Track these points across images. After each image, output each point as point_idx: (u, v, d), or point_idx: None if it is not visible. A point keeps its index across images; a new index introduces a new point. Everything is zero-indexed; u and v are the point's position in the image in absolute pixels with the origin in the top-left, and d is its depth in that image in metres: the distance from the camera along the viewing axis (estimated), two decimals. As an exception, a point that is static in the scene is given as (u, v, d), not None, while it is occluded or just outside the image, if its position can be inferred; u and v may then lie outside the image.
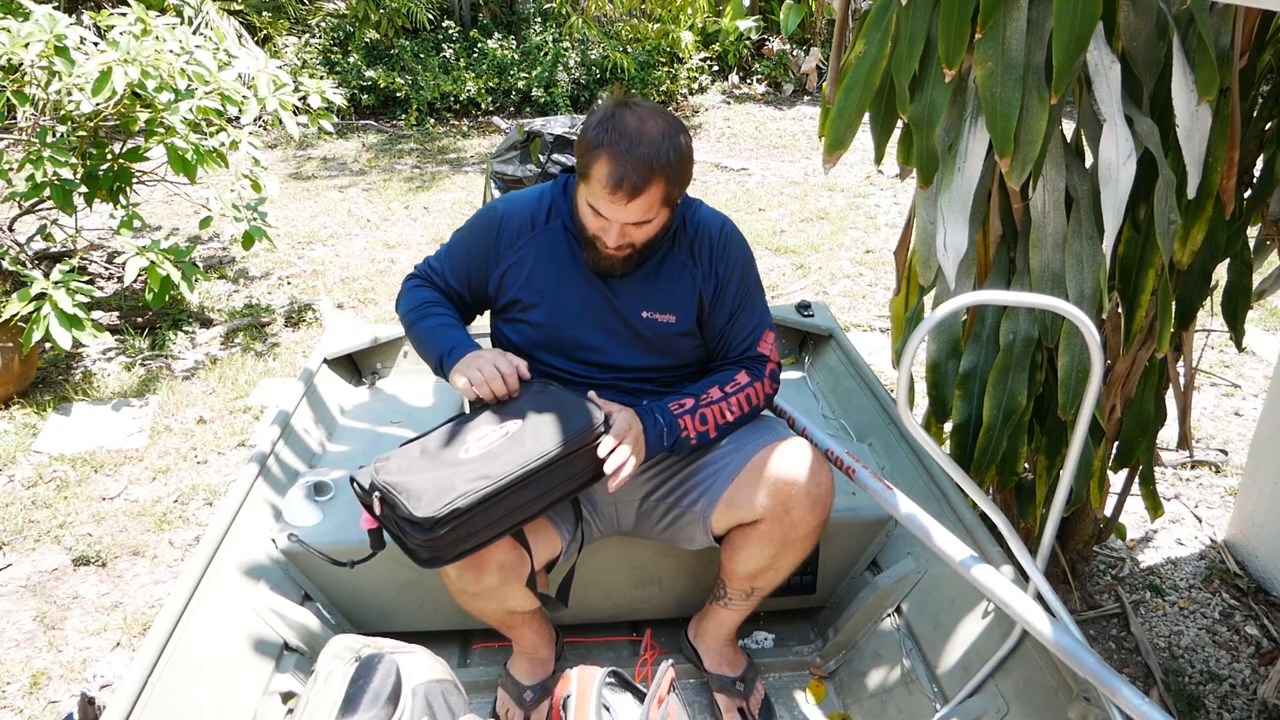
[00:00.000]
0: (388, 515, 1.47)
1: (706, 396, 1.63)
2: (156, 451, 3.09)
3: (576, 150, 1.56)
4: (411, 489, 1.42)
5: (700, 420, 1.61)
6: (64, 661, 2.20)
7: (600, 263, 1.62)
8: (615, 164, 1.47)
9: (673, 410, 1.60)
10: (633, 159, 1.47)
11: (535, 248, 1.68)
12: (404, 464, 1.48)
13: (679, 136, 1.52)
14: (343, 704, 1.28)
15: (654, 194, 1.50)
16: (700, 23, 8.06)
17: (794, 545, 1.64)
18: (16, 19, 3.22)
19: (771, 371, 1.72)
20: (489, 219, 1.72)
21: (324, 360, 2.50)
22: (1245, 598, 2.33)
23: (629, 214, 1.51)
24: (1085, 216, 1.67)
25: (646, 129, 1.49)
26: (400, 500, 1.41)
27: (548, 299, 1.67)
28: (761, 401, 1.70)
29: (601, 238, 1.57)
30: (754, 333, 1.71)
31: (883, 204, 5.72)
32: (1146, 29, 1.59)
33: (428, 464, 1.47)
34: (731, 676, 1.84)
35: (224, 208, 3.71)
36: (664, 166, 1.48)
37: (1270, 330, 3.90)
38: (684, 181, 1.56)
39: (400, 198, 5.93)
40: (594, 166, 1.49)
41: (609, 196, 1.49)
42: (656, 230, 1.59)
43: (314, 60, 7.65)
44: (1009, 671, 1.56)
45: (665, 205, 1.55)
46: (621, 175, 1.46)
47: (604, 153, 1.48)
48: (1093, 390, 1.28)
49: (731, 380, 1.67)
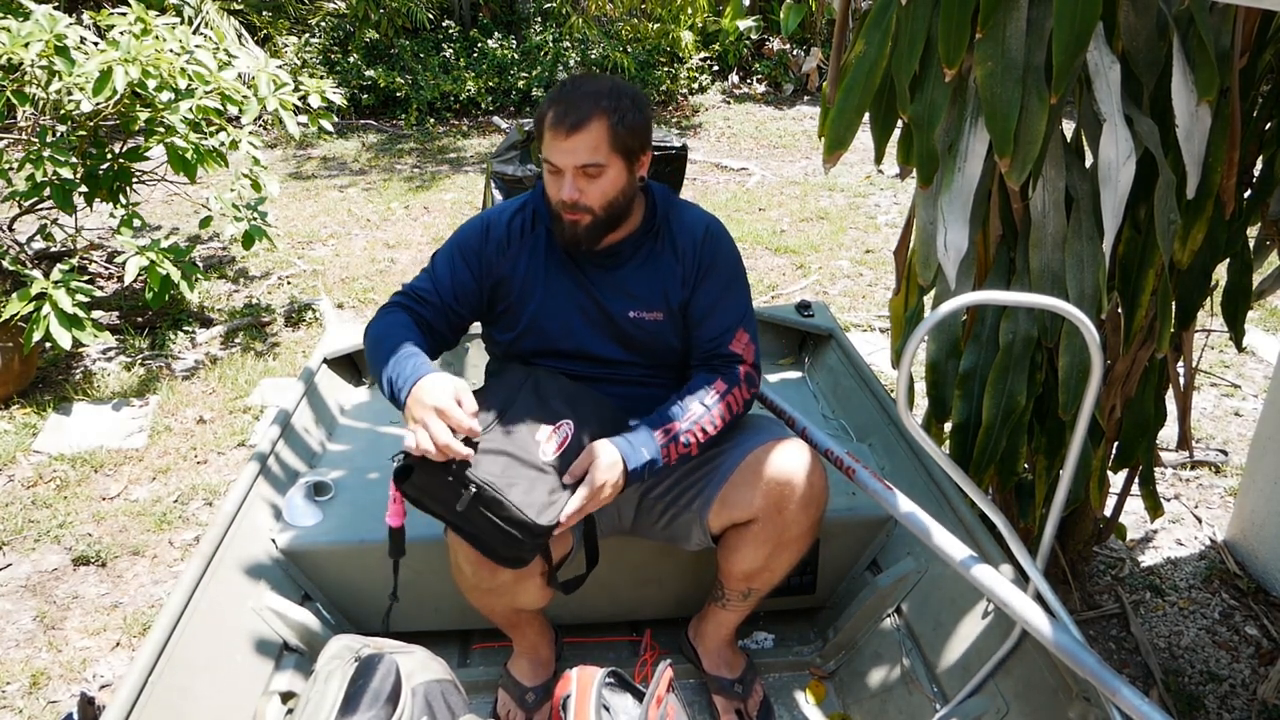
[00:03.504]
0: (471, 511, 1.41)
1: (689, 415, 1.60)
2: (156, 451, 3.09)
3: (534, 125, 1.60)
4: (516, 492, 1.41)
5: (683, 444, 1.58)
6: (64, 661, 2.20)
7: (566, 234, 1.60)
8: (559, 104, 1.53)
9: (658, 439, 1.56)
10: (574, 96, 1.53)
11: (525, 254, 1.68)
12: (495, 465, 1.42)
13: (627, 90, 1.57)
14: (342, 704, 1.28)
15: (597, 130, 1.51)
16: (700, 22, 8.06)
17: (788, 545, 1.64)
18: (16, 19, 3.22)
19: (747, 374, 1.68)
20: (476, 231, 1.71)
21: (324, 360, 2.50)
22: (1245, 598, 2.34)
23: (575, 151, 1.52)
24: (1085, 216, 1.66)
25: (593, 82, 1.56)
26: (512, 505, 1.39)
27: (536, 301, 1.68)
28: (741, 408, 1.67)
29: (561, 198, 1.56)
30: (727, 331, 1.68)
31: (883, 204, 5.72)
32: (1146, 29, 1.59)
33: (518, 464, 1.44)
34: (730, 678, 1.84)
35: (224, 207, 3.71)
36: (607, 104, 1.52)
37: (1270, 330, 3.90)
38: (633, 132, 1.55)
39: (400, 197, 5.93)
40: (545, 119, 1.54)
41: (554, 135, 1.52)
42: (614, 191, 1.57)
43: (314, 60, 7.65)
44: (1009, 671, 1.56)
45: (615, 153, 1.54)
46: (564, 111, 1.51)
47: (551, 103, 1.55)
48: (1092, 390, 1.28)
49: (710, 390, 1.63)
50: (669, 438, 1.56)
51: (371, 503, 1.94)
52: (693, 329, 1.70)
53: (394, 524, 1.50)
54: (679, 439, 1.57)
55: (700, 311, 1.68)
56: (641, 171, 1.62)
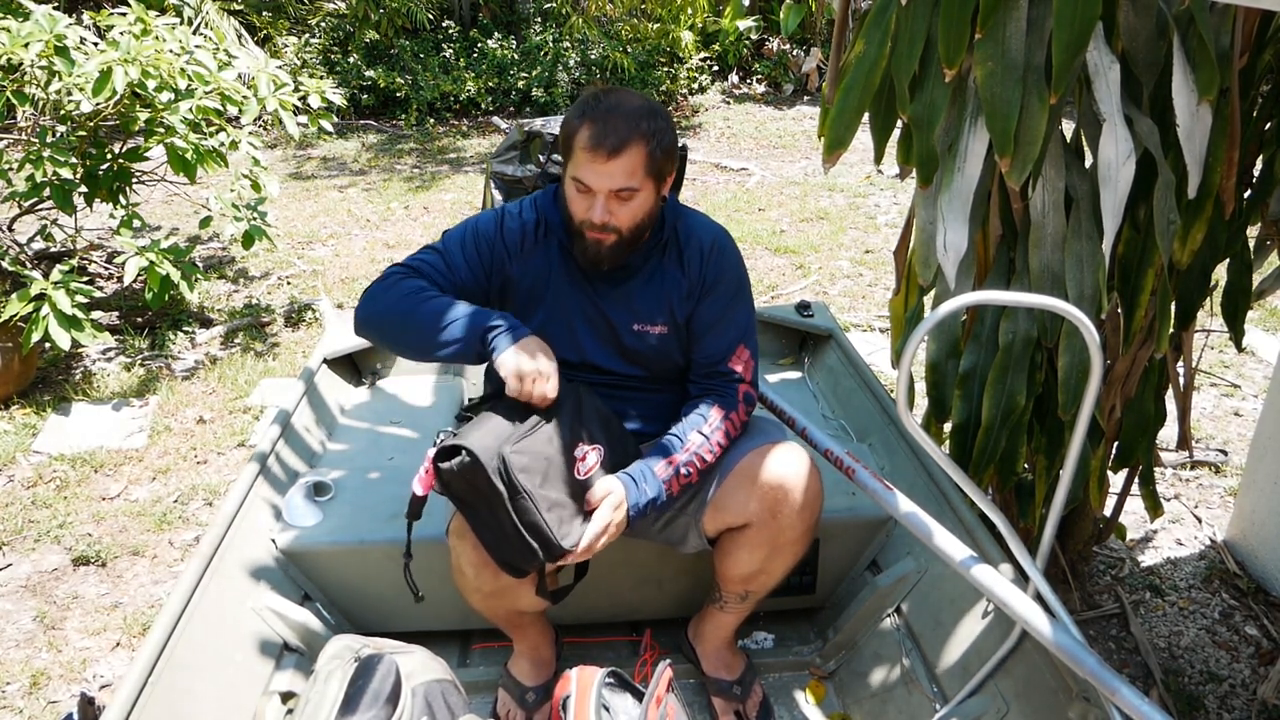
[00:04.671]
0: (499, 511, 1.42)
1: (689, 446, 1.59)
2: (156, 451, 3.09)
3: (560, 137, 1.55)
4: (548, 506, 1.43)
5: (683, 476, 1.58)
6: (64, 661, 2.20)
7: (588, 252, 1.57)
8: (596, 124, 1.48)
9: (660, 475, 1.56)
10: (613, 118, 1.48)
11: (536, 261, 1.65)
12: (536, 474, 1.43)
13: (660, 110, 1.54)
14: (342, 704, 1.28)
15: (635, 155, 1.48)
16: (700, 23, 8.07)
17: (784, 549, 1.64)
18: (16, 19, 3.22)
19: (745, 394, 1.67)
20: (492, 222, 1.67)
21: (324, 360, 2.50)
22: (1245, 598, 2.33)
23: (612, 175, 1.48)
24: (1085, 216, 1.66)
25: (625, 98, 1.52)
26: (544, 519, 1.41)
27: (543, 310, 1.65)
28: (738, 431, 1.66)
29: (588, 218, 1.53)
30: (728, 348, 1.66)
31: (883, 204, 5.72)
32: (1146, 29, 1.59)
33: (556, 478, 1.46)
34: (729, 680, 1.84)
35: (224, 208, 3.71)
36: (645, 127, 1.49)
37: (1270, 330, 3.90)
38: (668, 154, 1.53)
39: (400, 198, 5.93)
40: (576, 137, 1.50)
41: (590, 157, 1.48)
42: (642, 214, 1.55)
43: (314, 60, 7.65)
44: (1009, 671, 1.56)
45: (650, 177, 1.52)
46: (603, 133, 1.47)
47: (585, 120, 1.49)
48: (1092, 390, 1.28)
49: (707, 420, 1.62)
50: (671, 470, 1.56)
51: (372, 503, 1.94)
52: (694, 343, 1.68)
53: (420, 491, 1.47)
54: (680, 471, 1.57)
55: (702, 326, 1.67)
56: (665, 191, 1.60)
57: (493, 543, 1.47)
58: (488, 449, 1.40)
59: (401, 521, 1.71)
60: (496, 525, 1.44)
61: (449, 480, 1.43)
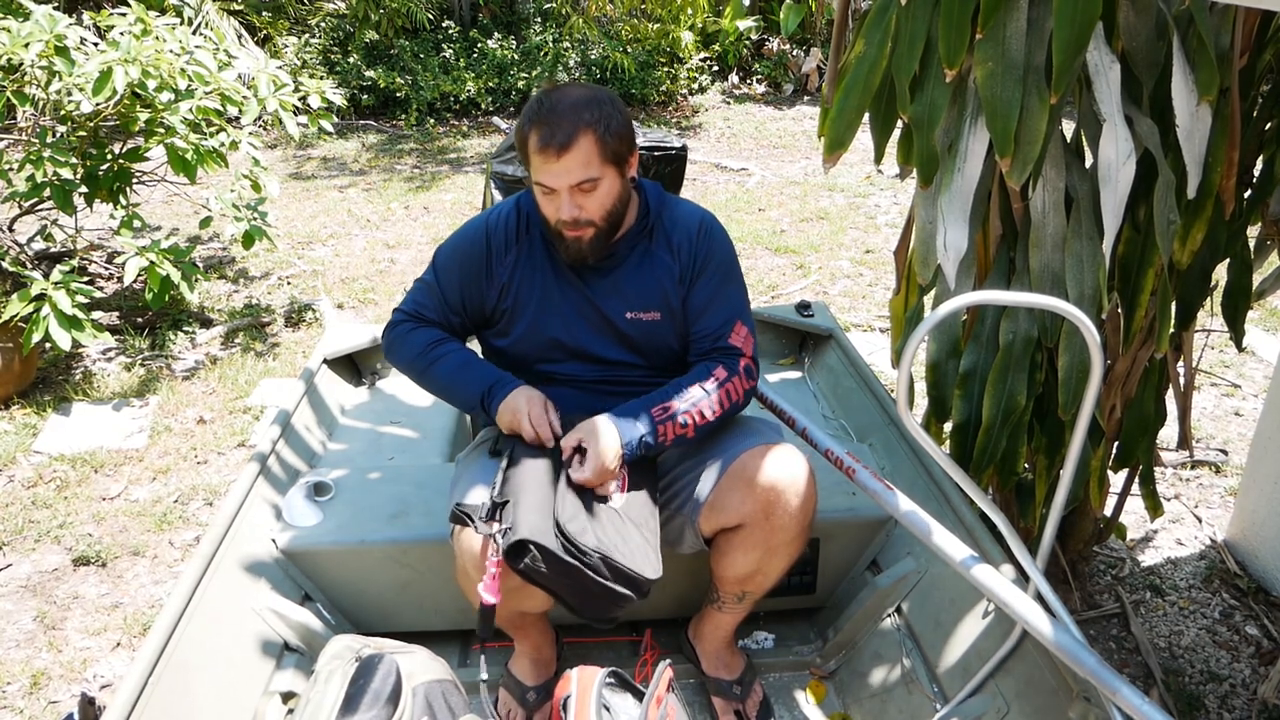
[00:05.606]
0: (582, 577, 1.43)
1: (687, 397, 1.61)
2: (156, 451, 3.09)
3: (517, 147, 1.57)
4: (620, 550, 1.46)
5: (680, 424, 1.59)
6: (64, 661, 2.20)
7: (570, 251, 1.60)
8: (541, 126, 1.50)
9: (655, 416, 1.59)
10: (555, 115, 1.50)
11: (522, 259, 1.68)
12: (586, 526, 1.46)
13: (604, 96, 1.55)
14: (343, 704, 1.28)
15: (585, 146, 1.49)
16: (700, 23, 8.06)
17: (779, 550, 1.64)
18: (16, 19, 3.22)
19: (746, 367, 1.68)
20: (474, 239, 1.70)
21: (324, 360, 2.50)
22: (1245, 598, 2.34)
23: (567, 172, 1.50)
24: (1085, 216, 1.66)
25: (566, 93, 1.54)
26: (623, 564, 1.44)
27: (534, 306, 1.68)
28: (740, 398, 1.67)
29: (560, 217, 1.55)
30: (726, 324, 1.68)
31: (883, 204, 5.72)
32: (1146, 29, 1.59)
33: (605, 521, 1.50)
34: (729, 680, 1.84)
35: (224, 208, 3.71)
36: (589, 116, 1.50)
37: (1270, 330, 3.90)
38: (620, 138, 1.53)
39: (400, 198, 5.93)
40: (528, 143, 1.52)
41: (542, 159, 1.50)
42: (611, 201, 1.56)
43: (314, 60, 7.65)
44: (1009, 671, 1.56)
45: (609, 163, 1.53)
46: (550, 133, 1.48)
47: (532, 124, 1.51)
48: (1092, 390, 1.28)
49: (710, 376, 1.64)
50: (666, 415, 1.59)
51: (372, 503, 1.94)
52: (691, 323, 1.70)
53: (491, 599, 1.43)
54: (676, 418, 1.59)
55: (698, 307, 1.69)
56: (631, 172, 1.61)
57: (582, 605, 1.49)
58: (544, 531, 1.43)
59: (403, 522, 1.72)
60: (582, 590, 1.46)
61: (533, 576, 1.46)
